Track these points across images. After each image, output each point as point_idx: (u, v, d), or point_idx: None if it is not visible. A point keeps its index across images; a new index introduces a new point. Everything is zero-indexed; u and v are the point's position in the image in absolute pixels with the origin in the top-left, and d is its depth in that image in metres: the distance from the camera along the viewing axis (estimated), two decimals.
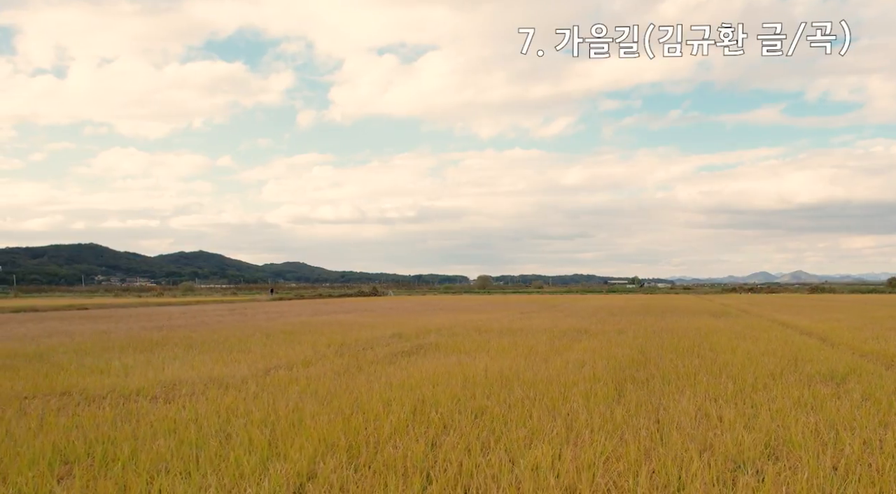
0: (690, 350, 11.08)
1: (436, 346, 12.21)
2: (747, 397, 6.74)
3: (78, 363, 9.86)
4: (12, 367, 9.33)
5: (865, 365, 9.13)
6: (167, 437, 5.09)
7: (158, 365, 9.73)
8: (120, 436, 5.10)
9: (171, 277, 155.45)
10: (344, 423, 5.51)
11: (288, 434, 5.19)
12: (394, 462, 4.41)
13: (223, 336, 14.88)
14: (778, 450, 4.80)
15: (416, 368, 9.01)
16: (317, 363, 9.90)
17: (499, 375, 8.18)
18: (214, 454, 4.63)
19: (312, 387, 7.46)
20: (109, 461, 4.49)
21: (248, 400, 6.65)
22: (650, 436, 5.07)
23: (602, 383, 7.52)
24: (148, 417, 5.90)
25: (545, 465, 4.31)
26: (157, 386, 7.72)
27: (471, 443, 4.88)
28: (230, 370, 9.03)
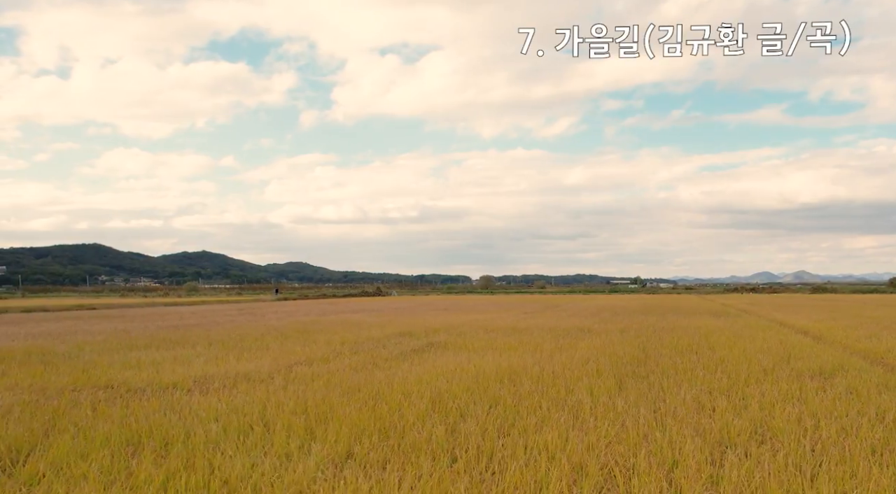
0: (689, 348, 11.63)
1: (445, 344, 12.76)
2: (739, 390, 7.28)
3: (109, 359, 10.43)
4: (51, 363, 9.90)
5: (854, 362, 9.66)
6: (214, 423, 5.65)
7: (185, 361, 10.29)
8: (170, 423, 5.66)
9: (174, 277, 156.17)
10: (370, 412, 6.06)
11: (321, 421, 5.75)
12: (420, 444, 4.96)
13: (239, 334, 15.44)
14: (763, 435, 5.34)
15: (430, 364, 9.57)
16: (334, 360, 10.46)
17: (508, 370, 8.74)
18: (259, 437, 5.19)
19: (335, 381, 8.01)
20: (168, 443, 5.06)
21: (278, 393, 7.20)
22: (648, 423, 5.62)
23: (605, 377, 8.08)
24: (190, 407, 6.46)
25: (555, 446, 4.86)
26: (190, 380, 8.28)
27: (487, 429, 5.43)
28: (254, 366, 9.58)
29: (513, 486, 4.06)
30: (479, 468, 4.43)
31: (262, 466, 4.38)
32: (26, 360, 10.27)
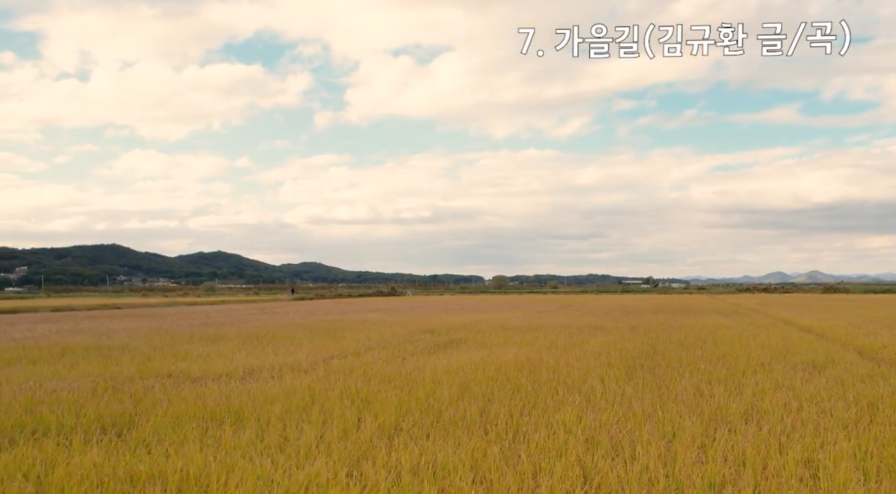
0: (694, 344, 12.44)
1: (466, 341, 13.63)
2: (736, 380, 8.09)
3: (160, 352, 11.37)
4: (109, 356, 10.86)
5: (847, 356, 10.43)
6: (275, 404, 6.54)
7: (228, 354, 11.20)
8: (240, 403, 6.56)
9: (190, 277, 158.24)
10: (408, 396, 6.93)
11: (366, 403, 6.62)
12: (456, 421, 5.82)
13: (269, 332, 16.37)
14: (751, 415, 6.16)
15: (454, 358, 10.43)
16: (365, 354, 11.34)
17: (526, 363, 9.59)
18: (317, 414, 6.07)
19: (370, 372, 8.89)
20: (241, 418, 5.95)
21: (322, 381, 8.09)
22: (653, 405, 6.45)
23: (615, 368, 8.92)
24: (249, 391, 7.35)
25: (571, 423, 5.71)
26: (240, 370, 9.18)
27: (512, 409, 6.28)
28: (293, 359, 10.48)
29: (538, 452, 4.91)
30: (508, 438, 5.28)
31: (328, 435, 5.26)
32: (86, 353, 11.23)
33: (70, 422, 5.78)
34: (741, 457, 4.77)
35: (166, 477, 4.23)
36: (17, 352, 11.39)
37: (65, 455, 4.74)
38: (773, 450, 4.88)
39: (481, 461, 4.61)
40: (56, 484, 4.09)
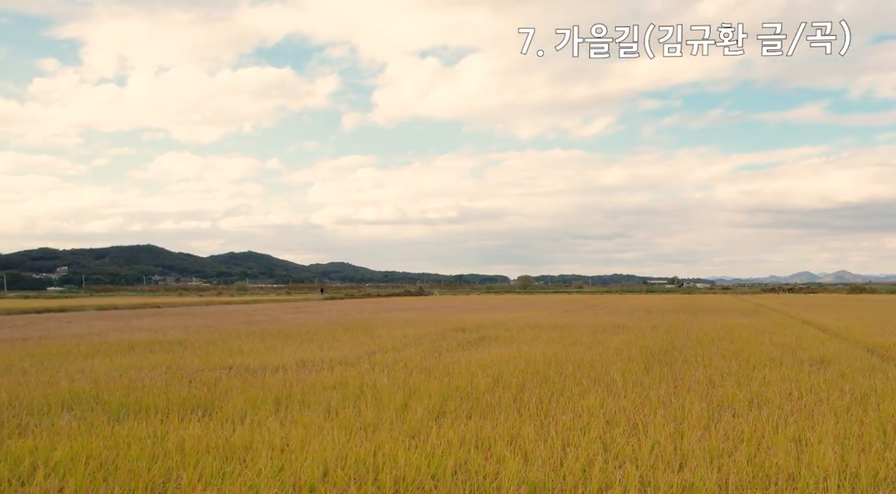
0: (712, 341, 13.16)
1: (496, 338, 14.48)
2: (746, 373, 8.85)
3: (215, 347, 12.39)
4: (169, 350, 11.90)
5: (856, 353, 11.10)
6: (332, 391, 7.46)
7: (277, 349, 12.18)
8: (302, 390, 7.49)
9: (222, 277, 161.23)
10: (447, 385, 7.81)
11: (412, 391, 7.51)
12: (493, 405, 6.69)
13: (308, 329, 17.37)
14: (755, 403, 6.94)
15: (486, 353, 11.30)
16: (403, 349, 12.25)
17: (553, 358, 10.42)
18: (371, 400, 6.97)
19: (411, 365, 9.78)
20: (306, 403, 6.87)
21: (368, 372, 9.00)
22: (667, 394, 7.26)
23: (635, 363, 9.72)
24: (305, 381, 8.28)
25: (594, 407, 6.54)
26: (293, 362, 10.13)
27: (542, 396, 7.13)
28: (339, 353, 11.42)
29: (565, 430, 5.75)
30: (539, 419, 6.13)
31: (384, 416, 6.16)
32: (150, 348, 12.30)
33: (162, 404, 6.75)
34: (740, 436, 5.56)
35: (257, 446, 5.15)
36: (89, 347, 12.50)
37: (168, 428, 5.69)
38: (769, 430, 5.67)
39: (517, 436, 5.47)
40: (172, 448, 5.03)
